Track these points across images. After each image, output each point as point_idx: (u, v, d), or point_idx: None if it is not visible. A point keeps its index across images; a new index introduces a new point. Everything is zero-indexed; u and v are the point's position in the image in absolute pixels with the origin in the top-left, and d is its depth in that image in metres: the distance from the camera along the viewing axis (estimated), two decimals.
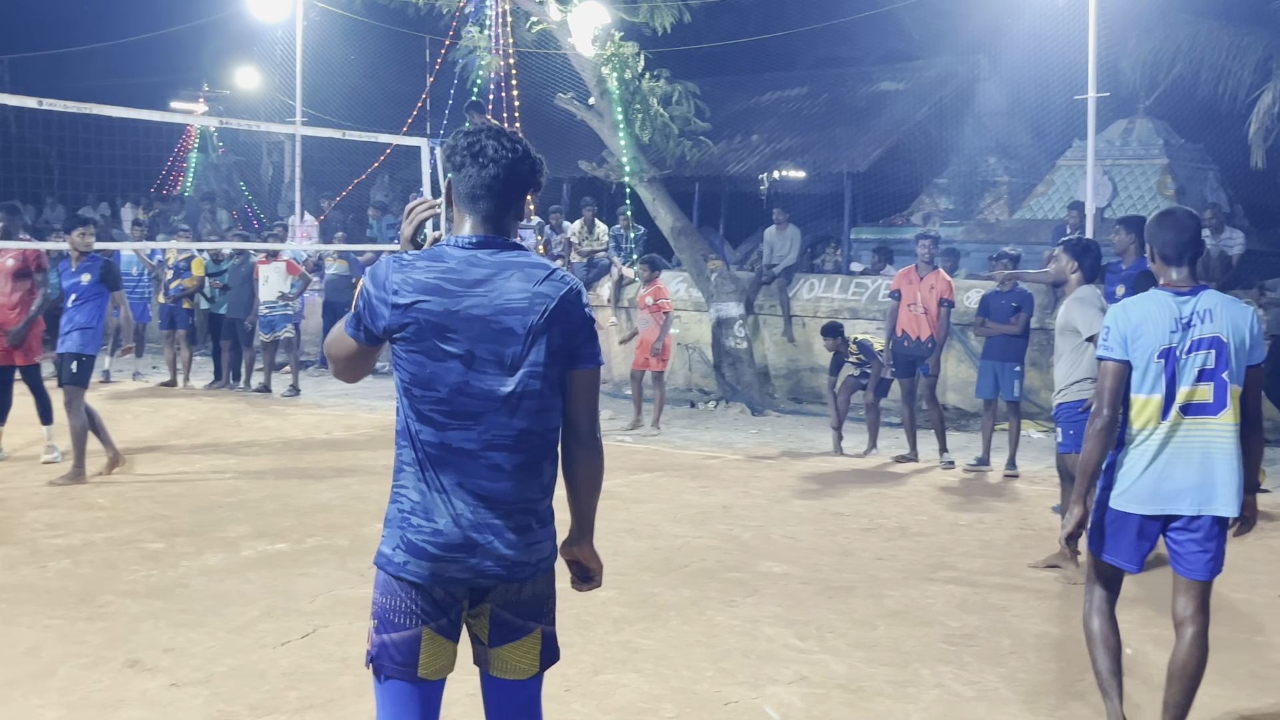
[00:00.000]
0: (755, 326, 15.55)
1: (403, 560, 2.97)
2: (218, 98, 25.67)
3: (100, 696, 4.86)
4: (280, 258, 14.89)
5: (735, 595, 6.53)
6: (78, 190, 23.18)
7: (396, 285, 2.95)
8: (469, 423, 2.97)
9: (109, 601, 6.11)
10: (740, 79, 21.53)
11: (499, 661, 3.10)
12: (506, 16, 16.45)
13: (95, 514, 8.05)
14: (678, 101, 15.88)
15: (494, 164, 3.03)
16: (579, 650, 5.52)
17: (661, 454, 11.21)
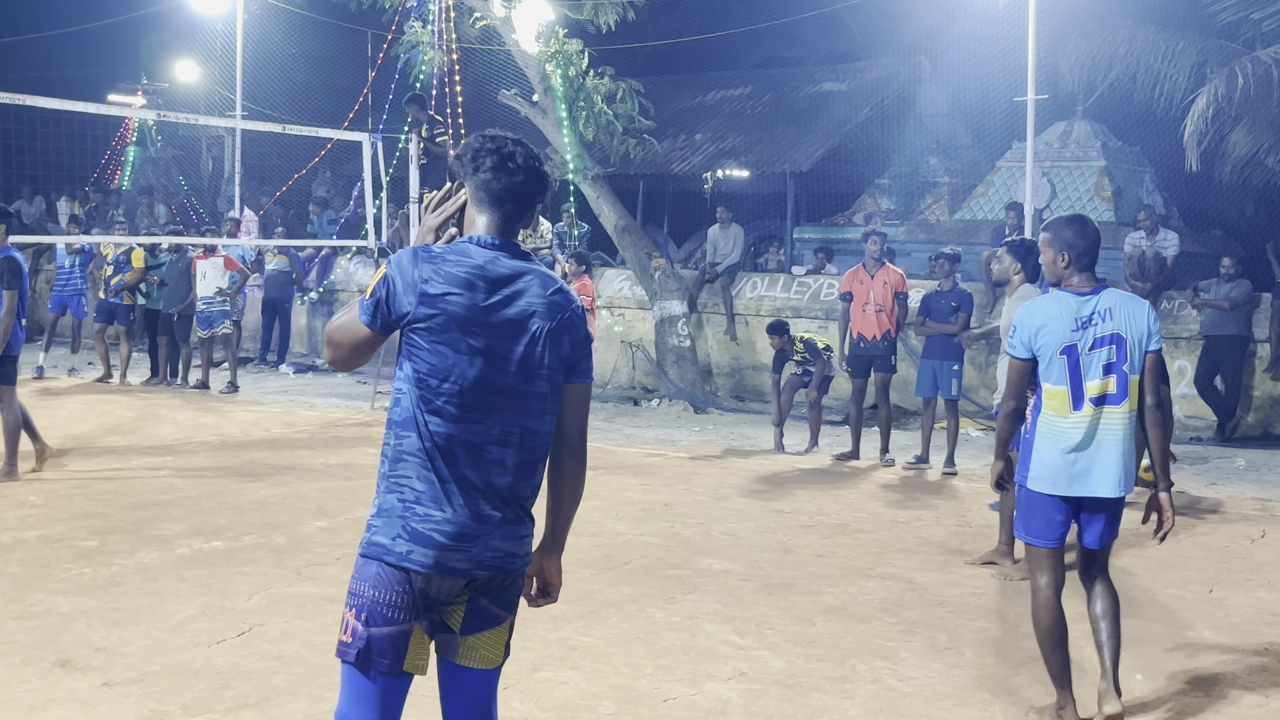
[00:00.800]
0: (698, 324, 15.60)
1: (405, 549, 2.96)
2: (157, 91, 25.36)
3: (29, 697, 4.77)
4: (218, 253, 14.72)
5: (675, 592, 6.54)
6: (10, 183, 22.75)
7: (428, 275, 2.98)
8: (480, 417, 3.01)
9: (39, 600, 6.01)
10: (684, 78, 21.59)
11: (467, 650, 3.11)
12: (450, 12, 16.37)
13: (26, 511, 7.91)
14: (621, 99, 15.89)
15: (522, 172, 3.13)
16: (517, 648, 5.43)
17: (604, 451, 11.20)
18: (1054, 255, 4.82)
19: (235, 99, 19.32)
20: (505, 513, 3.05)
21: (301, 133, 14.56)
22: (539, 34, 15.40)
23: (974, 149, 19.35)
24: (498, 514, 3.03)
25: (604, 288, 16.41)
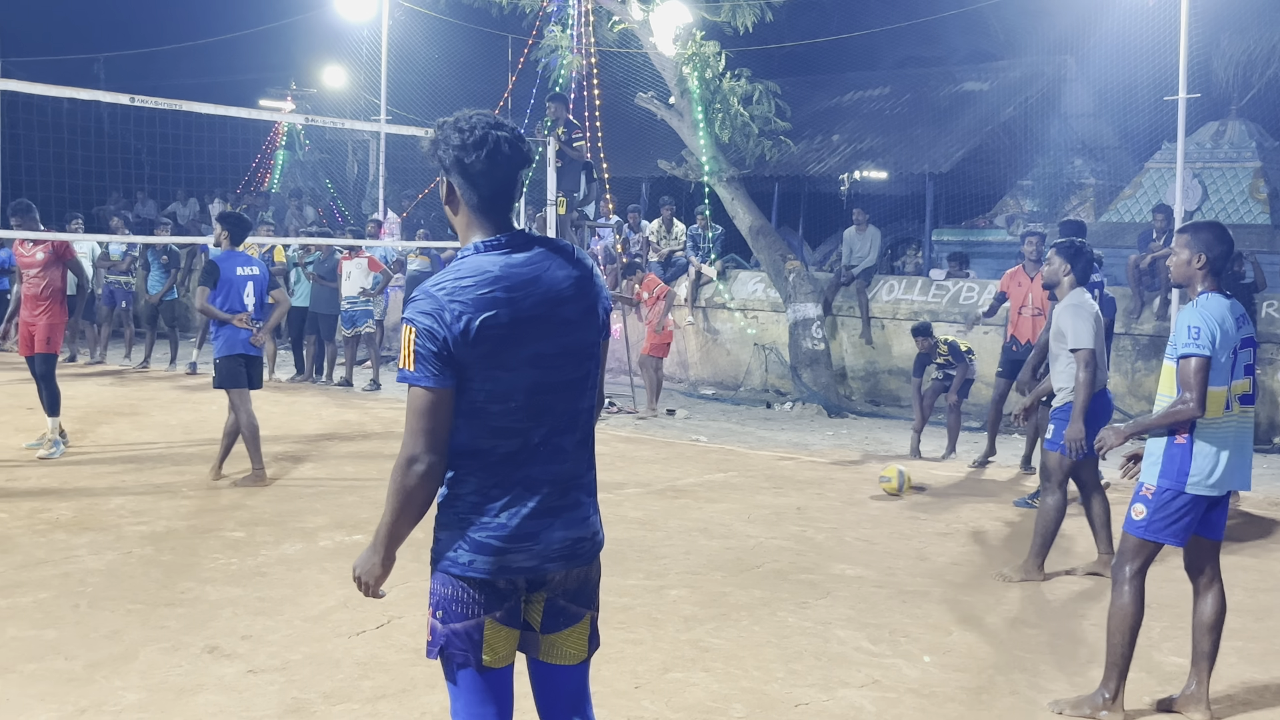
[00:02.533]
0: (833, 328, 15.46)
1: (468, 560, 2.96)
2: (305, 96, 26.08)
3: (179, 680, 4.95)
4: (362, 254, 15.08)
5: (807, 597, 6.49)
6: (168, 186, 23.66)
7: (455, 311, 2.87)
8: (542, 418, 2.99)
9: (189, 588, 6.24)
10: (822, 78, 21.42)
11: (550, 647, 3.12)
12: (589, 16, 16.51)
13: (179, 503, 8.22)
14: (758, 101, 15.84)
15: (511, 162, 2.99)
16: (649, 648, 5.53)
17: (735, 454, 11.18)
18: (1190, 256, 4.84)
19: (380, 103, 19.78)
20: (567, 498, 3.04)
21: None
22: (676, 36, 15.44)
23: (1120, 149, 18.81)
24: (560, 502, 3.02)
25: (737, 290, 16.38)
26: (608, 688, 5.01)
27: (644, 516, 8.28)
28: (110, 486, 8.64)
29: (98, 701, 4.70)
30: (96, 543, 7.05)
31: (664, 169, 17.09)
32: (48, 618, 5.68)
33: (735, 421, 13.51)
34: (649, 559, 7.15)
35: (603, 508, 8.32)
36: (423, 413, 2.88)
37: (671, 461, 10.63)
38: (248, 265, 8.94)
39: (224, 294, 8.75)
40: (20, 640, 5.36)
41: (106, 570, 6.51)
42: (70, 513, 7.77)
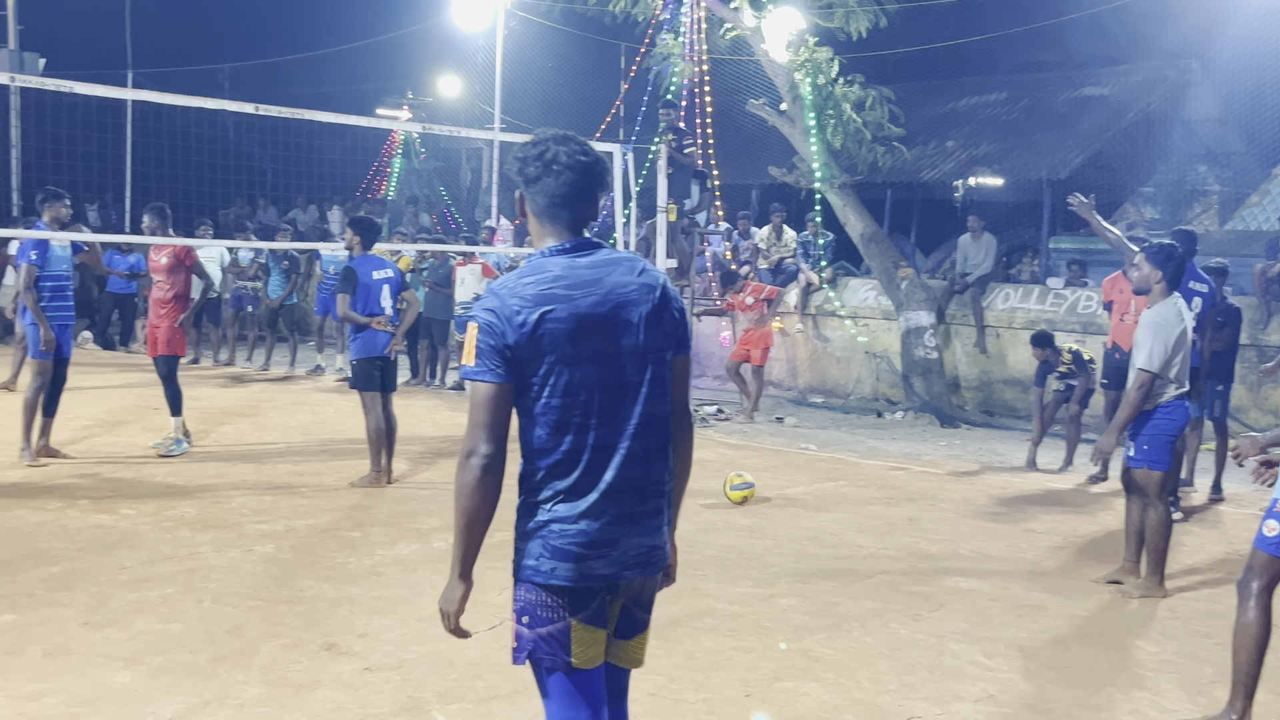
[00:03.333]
0: (946, 336, 15.25)
1: (550, 568, 3.03)
2: (421, 105, 26.52)
3: (298, 676, 5.07)
4: (476, 260, 15.28)
5: (920, 609, 6.41)
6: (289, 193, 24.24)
7: (515, 307, 2.99)
8: (608, 419, 3.06)
9: (308, 586, 6.38)
10: (936, 84, 21.15)
11: (620, 651, 3.23)
12: (701, 23, 16.52)
13: (298, 502, 8.41)
14: (871, 107, 15.69)
15: (570, 170, 3.10)
16: (759, 656, 5.51)
17: (846, 464, 11.09)
18: None
19: (494, 112, 20.04)
20: (643, 505, 3.11)
21: None
22: (789, 43, 15.38)
23: (1247, 156, 18.23)
24: (634, 510, 3.09)
25: (848, 297, 16.25)
26: (718, 695, 5.01)
27: (753, 524, 8.25)
28: (232, 485, 8.88)
29: (221, 695, 4.83)
30: (219, 540, 7.25)
31: (775, 176, 17.02)
32: (173, 612, 5.86)
33: (845, 430, 13.40)
34: (758, 567, 7.12)
35: (710, 514, 8.35)
36: (481, 406, 3.00)
37: (781, 469, 10.58)
38: (382, 269, 9.12)
39: (362, 299, 8.92)
40: (148, 633, 5.53)
41: (229, 567, 6.69)
42: (194, 510, 8.00)
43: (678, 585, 6.49)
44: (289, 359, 16.90)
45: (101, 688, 4.85)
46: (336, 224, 23.33)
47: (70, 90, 10.22)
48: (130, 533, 7.35)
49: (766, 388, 15.36)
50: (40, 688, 4.83)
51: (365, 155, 24.78)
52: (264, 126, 18.51)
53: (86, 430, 10.90)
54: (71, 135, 18.51)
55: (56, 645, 5.33)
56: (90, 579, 6.34)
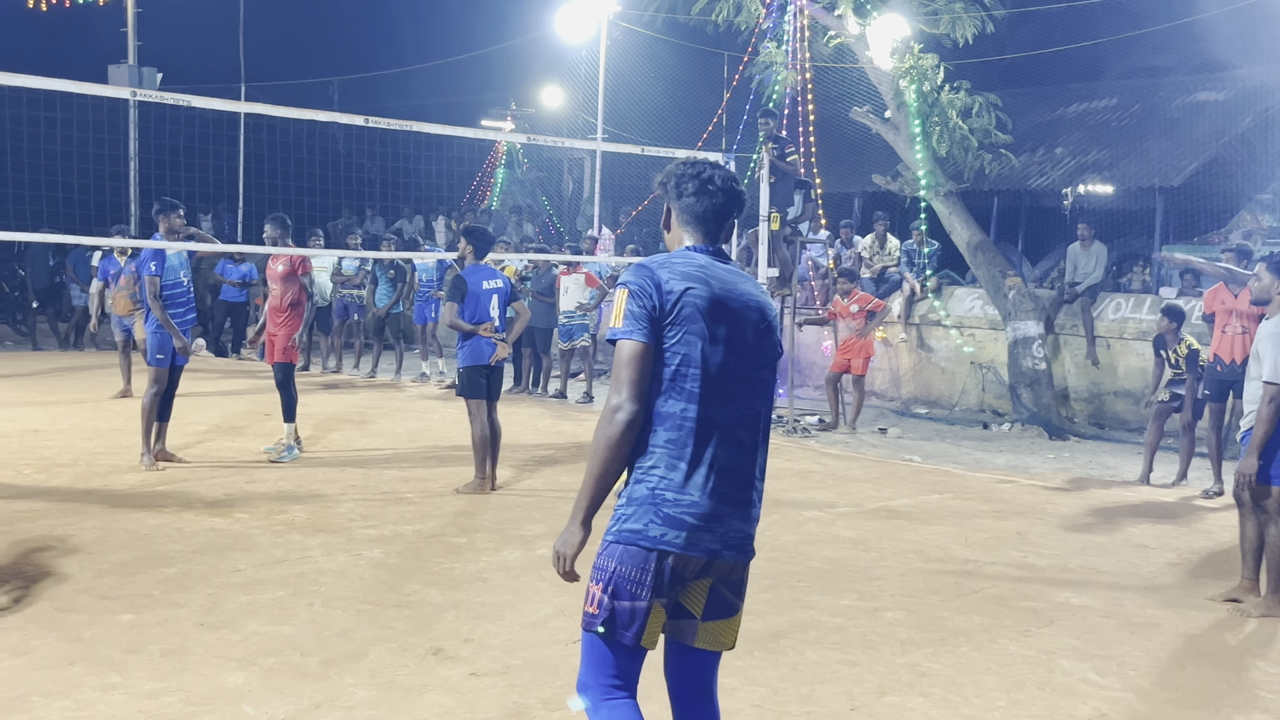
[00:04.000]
0: (1055, 347, 14.96)
1: (659, 533, 3.21)
2: (524, 116, 26.78)
3: (406, 680, 5.14)
4: (579, 269, 15.38)
5: (1029, 625, 6.29)
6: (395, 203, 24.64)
7: (664, 277, 3.27)
8: (725, 400, 3.28)
9: (415, 590, 6.47)
10: (1044, 90, 20.78)
11: (707, 634, 3.36)
12: (804, 32, 16.46)
13: (405, 508, 8.53)
14: (977, 114, 15.48)
15: (722, 194, 3.45)
16: (864, 670, 5.45)
17: (951, 475, 10.93)
18: None
19: (596, 122, 20.17)
20: (743, 494, 3.32)
21: (659, 153, 14.97)
22: (894, 50, 15.24)
23: None
24: (741, 495, 3.31)
25: (954, 307, 16.03)
26: (823, 709, 4.97)
27: (857, 536, 8.17)
28: (341, 491, 9.04)
29: (331, 697, 4.92)
30: (328, 544, 7.38)
31: (878, 184, 16.87)
32: (285, 615, 5.98)
33: (950, 442, 13.22)
34: (863, 580, 7.05)
35: (814, 526, 8.31)
36: (627, 363, 3.23)
37: (884, 481, 10.47)
38: (493, 279, 9.19)
39: (471, 308, 9.00)
40: (260, 635, 5.65)
41: (338, 571, 6.81)
42: (305, 515, 8.16)
43: (781, 597, 6.50)
44: (395, 367, 17.17)
45: (217, 687, 4.97)
46: (441, 234, 23.64)
47: (187, 104, 10.53)
48: (243, 536, 7.52)
49: (869, 398, 15.22)
50: (158, 686, 4.96)
51: (469, 166, 25.11)
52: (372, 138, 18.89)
53: (201, 435, 11.18)
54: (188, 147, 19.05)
55: (174, 645, 5.47)
56: (205, 581, 6.50)
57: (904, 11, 15.25)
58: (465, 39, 26.54)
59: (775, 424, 13.48)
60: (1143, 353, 14.08)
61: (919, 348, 16.25)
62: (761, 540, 7.74)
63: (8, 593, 6.19)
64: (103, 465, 9.65)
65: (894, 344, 16.25)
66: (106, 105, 18.16)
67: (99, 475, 9.27)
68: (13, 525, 7.55)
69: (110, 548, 7.12)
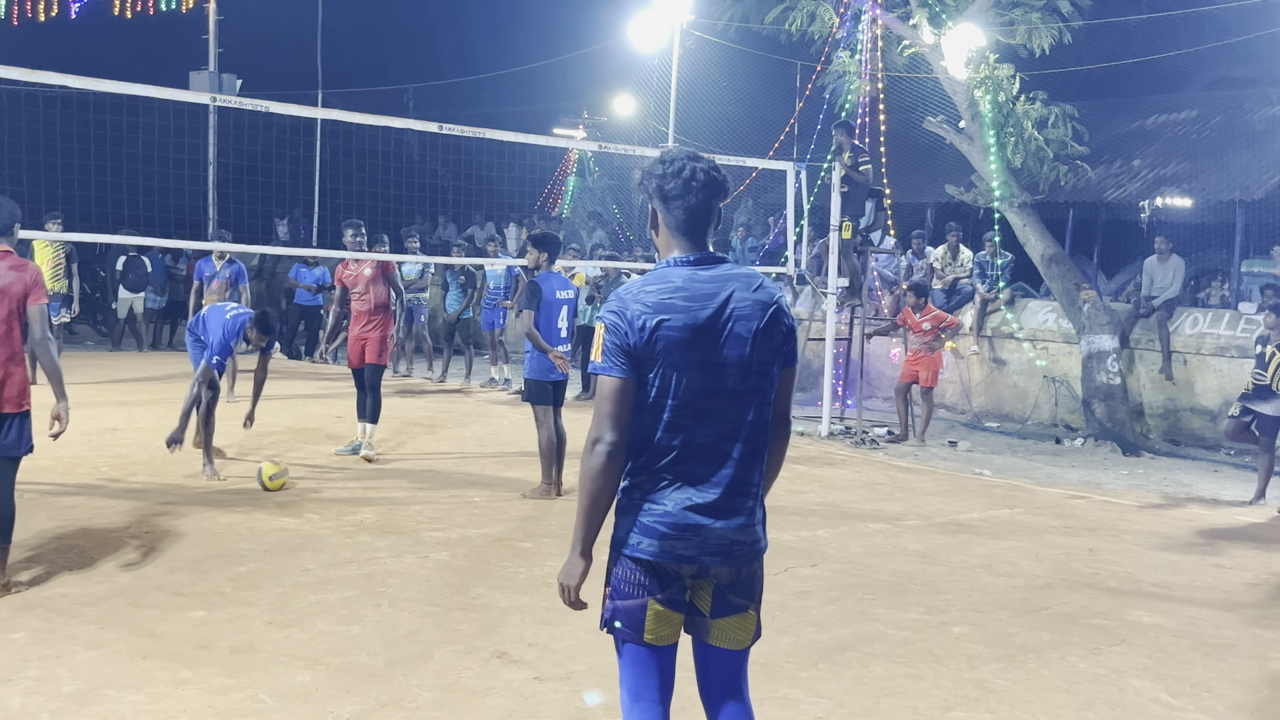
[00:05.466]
0: (1130, 361, 14.72)
1: (636, 541, 3.31)
2: (595, 124, 26.88)
3: (470, 683, 5.17)
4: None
5: (1100, 643, 6.19)
6: (467, 210, 24.84)
7: (636, 312, 3.27)
8: (707, 419, 3.30)
9: (481, 594, 6.50)
10: (1123, 101, 20.48)
11: (718, 631, 3.41)
12: (878, 41, 16.36)
13: (473, 512, 8.59)
14: (1054, 124, 15.30)
15: (706, 189, 3.39)
16: (930, 685, 5.40)
17: (1022, 490, 10.79)
18: None
19: (667, 131, 20.17)
20: (731, 503, 3.32)
21: (729, 162, 14.94)
22: (969, 60, 15.10)
23: None
24: (724, 504, 3.31)
25: (1027, 319, 15.83)
26: None
27: (925, 550, 8.09)
28: (409, 494, 9.12)
29: (396, 698, 4.96)
30: (396, 546, 7.45)
31: (951, 194, 16.72)
32: (352, 615, 6.04)
33: (1021, 456, 13.05)
34: (930, 593, 6.98)
35: (880, 538, 8.25)
36: (607, 398, 3.27)
37: (954, 495, 10.36)
38: (565, 289, 9.17)
39: (544, 316, 8.96)
40: (328, 634, 5.72)
41: (405, 573, 6.87)
42: (374, 517, 8.25)
43: (847, 609, 6.46)
44: (465, 372, 17.30)
45: (285, 685, 5.03)
46: (512, 240, 23.79)
47: (265, 109, 10.69)
48: (313, 536, 7.61)
49: (938, 411, 15.08)
50: (228, 682, 5.04)
51: (541, 174, 25.24)
52: (446, 145, 19.01)
53: (274, 438, 11.33)
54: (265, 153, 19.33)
55: (243, 642, 5.55)
56: (275, 580, 6.59)
57: (979, 21, 15.11)
58: (539, 47, 26.72)
59: (844, 435, 13.40)
60: (1220, 369, 13.82)
61: (991, 360, 16.07)
62: (827, 552, 7.74)
63: (85, 587, 6.31)
64: (177, 464, 9.82)
65: (965, 356, 16.08)
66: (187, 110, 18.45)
67: (173, 474, 9.44)
68: (90, 521, 7.70)
69: (183, 545, 7.25)
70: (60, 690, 4.87)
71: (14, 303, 6.00)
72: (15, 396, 6.04)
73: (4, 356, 5.99)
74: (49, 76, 9.05)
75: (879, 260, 16.52)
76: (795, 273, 14.62)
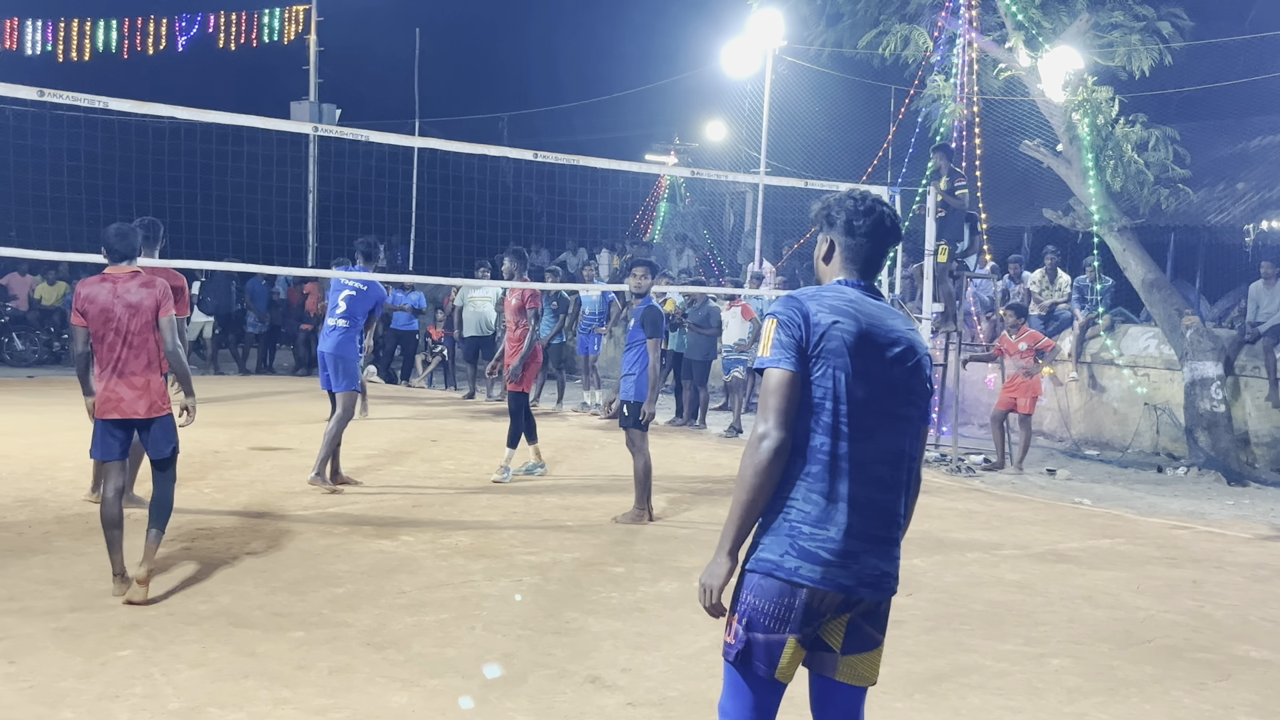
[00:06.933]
0: (1235, 389, 14.35)
1: (794, 565, 3.18)
2: (687, 150, 27.00)
3: (564, 708, 5.19)
4: (738, 303, 15.39)
5: (1205, 678, 6.03)
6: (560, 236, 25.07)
7: (812, 309, 3.26)
8: (867, 436, 3.23)
9: (573, 619, 6.53)
10: (1225, 123, 20.07)
11: (847, 668, 3.31)
12: (974, 64, 16.22)
13: (564, 536, 8.64)
14: (1154, 147, 15.01)
15: (892, 233, 3.46)
16: (1028, 718, 5.31)
17: (1123, 520, 10.57)
18: None
19: (759, 156, 20.19)
20: (884, 531, 3.26)
21: (822, 187, 14.90)
22: (1066, 82, 14.90)
23: None
24: (880, 533, 3.24)
25: (1128, 346, 15.52)
26: None
27: (1022, 580, 7.96)
28: (503, 517, 9.20)
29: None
30: (490, 569, 7.52)
31: (1049, 218, 16.49)
32: (447, 637, 6.10)
33: (1122, 485, 12.78)
34: (1028, 625, 6.86)
35: (977, 568, 8.14)
36: (774, 391, 3.22)
37: (1052, 524, 10.17)
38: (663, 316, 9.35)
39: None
40: (424, 656, 5.78)
41: (499, 595, 6.92)
42: (468, 540, 8.33)
43: (942, 639, 6.38)
44: (557, 396, 17.42)
45: (381, 706, 5.10)
46: (604, 266, 23.93)
47: (365, 139, 10.91)
48: (409, 559, 7.71)
49: (1036, 438, 14.84)
50: (326, 703, 5.12)
51: (633, 200, 25.43)
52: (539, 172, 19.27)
53: (370, 460, 11.51)
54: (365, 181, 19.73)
55: (341, 663, 5.63)
56: (372, 601, 6.69)
57: (1077, 44, 14.90)
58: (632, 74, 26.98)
59: (939, 463, 13.24)
60: None
61: (1090, 387, 15.78)
62: (923, 581, 7.65)
63: (189, 606, 6.46)
64: (277, 486, 10.02)
65: (1064, 383, 15.80)
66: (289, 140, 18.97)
67: (274, 496, 9.63)
68: (194, 541, 7.89)
69: (283, 566, 7.39)
70: (166, 707, 4.99)
71: (148, 315, 6.64)
72: (157, 401, 6.67)
73: (143, 365, 6.63)
74: (158, 108, 9.36)
75: (975, 285, 16.33)
76: (890, 298, 14.51)
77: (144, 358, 6.62)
